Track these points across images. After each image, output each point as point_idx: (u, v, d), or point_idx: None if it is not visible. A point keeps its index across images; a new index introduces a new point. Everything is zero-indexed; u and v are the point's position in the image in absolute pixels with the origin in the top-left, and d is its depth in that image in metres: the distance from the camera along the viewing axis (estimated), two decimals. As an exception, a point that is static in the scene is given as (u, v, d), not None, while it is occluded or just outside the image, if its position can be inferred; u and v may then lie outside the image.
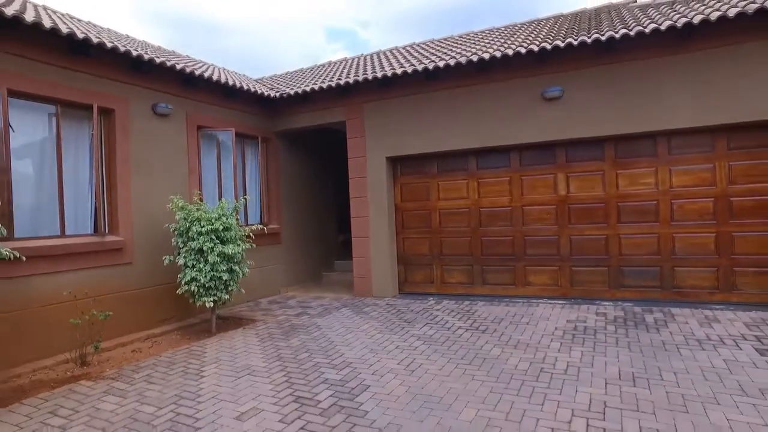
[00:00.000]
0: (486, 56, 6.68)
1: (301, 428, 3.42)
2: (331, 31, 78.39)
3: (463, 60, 6.83)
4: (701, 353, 4.55)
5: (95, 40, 5.51)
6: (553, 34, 7.17)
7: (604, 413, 3.43)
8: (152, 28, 62.48)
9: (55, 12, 7.07)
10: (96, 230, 5.96)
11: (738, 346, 4.69)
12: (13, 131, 5.05)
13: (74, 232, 5.75)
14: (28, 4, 6.47)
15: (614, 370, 4.26)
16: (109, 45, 5.65)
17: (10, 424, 3.68)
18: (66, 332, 5.15)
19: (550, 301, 6.90)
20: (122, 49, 5.82)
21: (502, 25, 10.09)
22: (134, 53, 5.98)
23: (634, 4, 8.34)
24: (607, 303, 6.61)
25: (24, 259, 4.34)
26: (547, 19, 9.42)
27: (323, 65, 12.04)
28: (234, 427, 3.49)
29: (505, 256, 7.41)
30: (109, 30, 8.32)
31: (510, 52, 6.52)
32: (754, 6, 5.42)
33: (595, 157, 6.79)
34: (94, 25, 8.09)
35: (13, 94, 5.10)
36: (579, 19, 8.42)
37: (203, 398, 4.06)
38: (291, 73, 12.34)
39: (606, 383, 3.97)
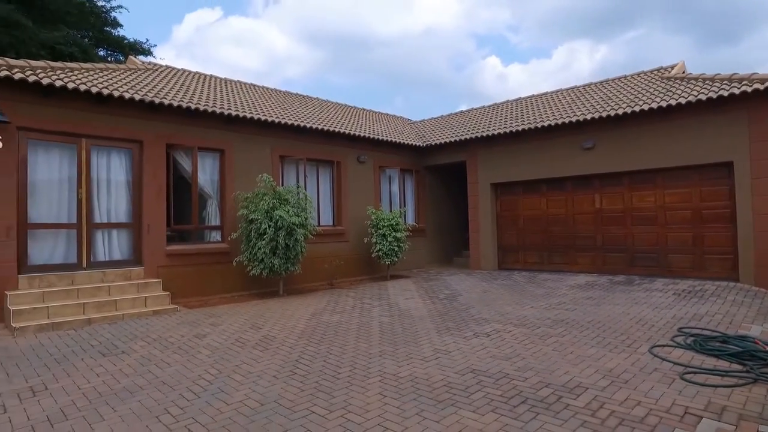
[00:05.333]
0: (546, 124, 11.16)
1: (431, 302, 8.52)
2: (480, 38, 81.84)
3: (533, 126, 11.39)
4: (641, 293, 8.61)
5: (337, 130, 11.37)
6: (599, 102, 11.29)
7: (561, 307, 7.94)
8: (307, 48, 72.21)
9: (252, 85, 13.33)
10: (334, 223, 11.85)
11: (667, 293, 8.60)
12: (306, 176, 11.09)
13: (324, 223, 11.65)
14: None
15: (585, 295, 8.61)
16: (343, 131, 11.48)
17: (318, 297, 9.39)
18: (323, 271, 10.97)
19: (587, 274, 11.03)
20: (349, 132, 11.63)
21: (581, 84, 14.16)
22: (353, 133, 11.76)
23: (667, 74, 11.87)
24: (622, 276, 10.55)
25: (319, 232, 10.21)
26: (608, 81, 13.28)
27: (457, 114, 17.18)
28: (403, 301, 8.73)
29: (562, 246, 11.70)
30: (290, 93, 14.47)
31: (560, 122, 10.92)
32: (704, 97, 9.13)
33: (618, 184, 10.79)
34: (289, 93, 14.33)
35: (308, 160, 11.15)
36: (626, 84, 12.23)
37: (390, 294, 9.42)
38: (435, 119, 17.68)
39: (576, 298, 8.38)
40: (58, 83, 7.65)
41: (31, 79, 7.37)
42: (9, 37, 17.14)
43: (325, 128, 11.26)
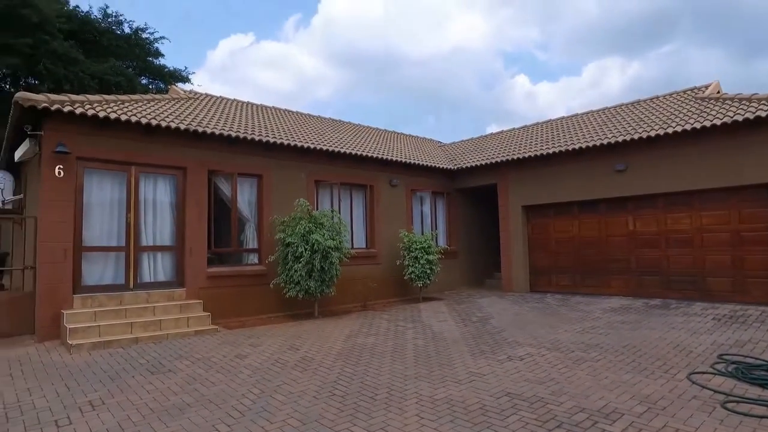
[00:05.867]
0: (578, 146, 11.20)
1: (464, 325, 8.59)
2: (509, 57, 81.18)
3: (564, 149, 11.45)
4: (678, 318, 8.47)
5: (370, 155, 11.68)
6: (630, 124, 11.27)
7: (595, 331, 7.89)
8: (337, 69, 73.21)
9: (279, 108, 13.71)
10: (367, 246, 12.08)
11: (706, 318, 8.43)
12: (340, 200, 11.40)
13: (358, 246, 11.89)
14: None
15: (620, 319, 8.52)
16: (375, 156, 11.78)
17: (352, 319, 9.57)
18: (356, 293, 11.17)
19: (621, 298, 10.87)
20: (382, 156, 11.94)
21: (612, 105, 14.15)
22: (385, 158, 12.05)
23: (701, 94, 11.76)
24: (657, 299, 10.36)
25: (352, 255, 10.43)
26: (640, 102, 13.21)
27: (487, 136, 17.34)
28: (436, 323, 8.82)
29: (595, 269, 11.60)
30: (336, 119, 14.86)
31: (591, 144, 10.95)
32: (741, 117, 9.05)
33: (652, 206, 10.69)
34: (323, 119, 14.70)
35: (342, 185, 11.48)
36: (659, 105, 12.17)
37: (423, 316, 9.53)
38: (466, 141, 17.88)
39: (610, 322, 8.31)
40: (113, 116, 8.21)
41: (90, 112, 7.94)
42: (66, 71, 18.37)
43: (358, 153, 11.60)
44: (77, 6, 22.99)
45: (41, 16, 17.38)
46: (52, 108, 7.63)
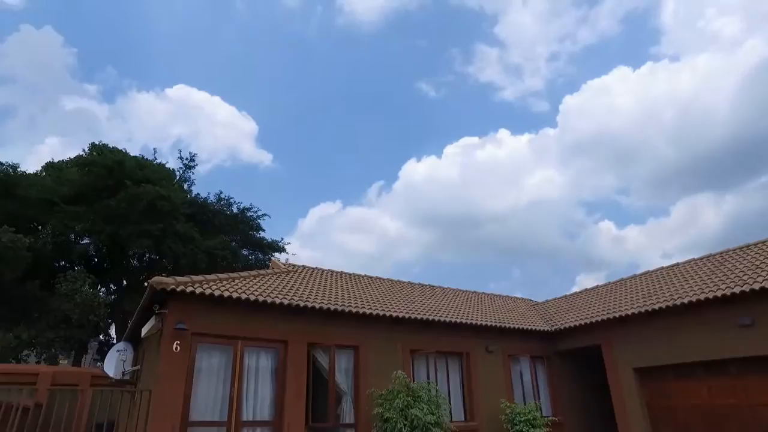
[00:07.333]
0: (686, 300, 10.43)
1: None
2: (589, 205, 79.93)
3: (671, 304, 10.69)
4: None
5: (464, 321, 11.58)
6: (745, 271, 10.41)
7: None
8: (418, 230, 75.62)
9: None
10: (466, 418, 11.30)
11: None
12: (436, 370, 11.09)
13: (456, 419, 11.13)
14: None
15: None
16: (469, 322, 11.65)
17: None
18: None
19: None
20: (476, 323, 11.78)
21: (717, 251, 13.33)
22: (480, 323, 11.86)
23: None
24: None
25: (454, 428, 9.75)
26: (750, 247, 12.35)
27: (582, 292, 16.70)
28: None
29: (742, 446, 9.81)
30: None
31: (702, 297, 10.17)
32: None
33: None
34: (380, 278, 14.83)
35: (437, 353, 11.28)
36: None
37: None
38: (560, 299, 17.26)
39: None
40: (225, 294, 9.03)
41: (207, 292, 8.82)
42: (184, 248, 21.01)
43: (452, 320, 11.57)
44: (198, 193, 26.96)
45: (172, 205, 20.56)
46: (178, 289, 8.56)
